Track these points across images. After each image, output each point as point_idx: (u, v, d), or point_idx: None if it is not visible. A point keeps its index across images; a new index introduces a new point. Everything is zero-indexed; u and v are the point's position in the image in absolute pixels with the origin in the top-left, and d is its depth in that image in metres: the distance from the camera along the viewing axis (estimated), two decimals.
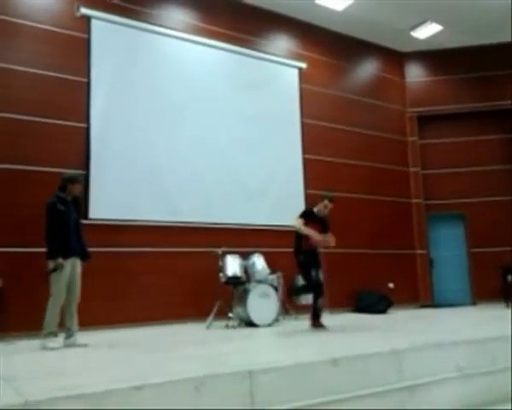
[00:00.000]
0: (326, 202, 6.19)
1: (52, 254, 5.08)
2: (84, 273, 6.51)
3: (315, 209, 6.24)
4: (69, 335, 5.20)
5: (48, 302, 5.10)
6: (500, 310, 8.63)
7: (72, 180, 5.29)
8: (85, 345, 5.10)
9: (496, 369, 4.12)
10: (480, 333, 4.92)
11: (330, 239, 6.00)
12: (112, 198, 7.35)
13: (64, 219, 5.16)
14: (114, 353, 4.70)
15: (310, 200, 9.25)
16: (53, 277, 5.09)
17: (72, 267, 5.22)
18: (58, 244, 5.09)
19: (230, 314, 6.76)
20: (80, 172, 5.59)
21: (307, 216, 6.12)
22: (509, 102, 10.86)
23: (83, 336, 5.33)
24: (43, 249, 5.19)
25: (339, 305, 8.32)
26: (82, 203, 5.50)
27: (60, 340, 5.11)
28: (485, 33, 10.46)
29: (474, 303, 10.25)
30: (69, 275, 5.16)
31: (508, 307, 9.01)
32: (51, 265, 5.07)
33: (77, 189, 5.35)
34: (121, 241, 7.34)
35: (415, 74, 11.37)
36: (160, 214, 7.70)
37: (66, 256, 5.12)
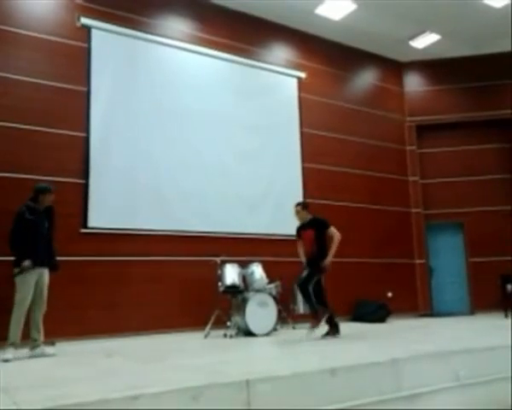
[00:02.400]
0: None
1: (18, 260, 5.14)
2: (82, 282, 6.51)
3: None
4: (35, 346, 5.17)
5: (12, 312, 5.09)
6: (499, 320, 8.61)
7: (43, 191, 5.40)
8: (53, 355, 5.12)
9: (495, 378, 4.11)
10: (478, 343, 4.91)
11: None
12: (111, 207, 7.35)
13: (32, 228, 5.21)
14: (111, 362, 4.68)
15: (309, 209, 9.26)
16: (18, 282, 5.11)
17: (39, 277, 5.23)
18: (24, 251, 5.14)
19: (228, 323, 6.74)
20: (53, 186, 5.53)
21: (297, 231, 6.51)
22: (508, 111, 10.90)
23: (80, 346, 5.32)
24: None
25: (337, 314, 8.28)
26: (55, 214, 5.51)
27: (15, 351, 4.97)
28: (484, 43, 10.51)
29: (472, 313, 10.22)
30: (35, 284, 5.17)
31: (507, 316, 8.98)
32: (16, 270, 5.12)
33: (48, 199, 5.41)
34: (120, 249, 7.33)
35: (413, 84, 11.41)
36: (158, 223, 7.69)
37: (33, 265, 5.14)
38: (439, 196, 10.85)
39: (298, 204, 6.60)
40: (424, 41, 10.42)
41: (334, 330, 6.15)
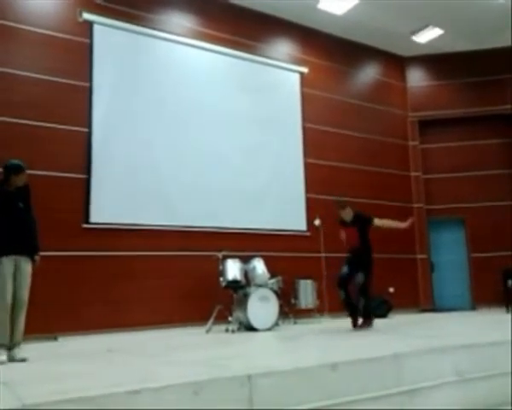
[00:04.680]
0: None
1: None
2: (84, 277, 6.50)
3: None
4: (11, 345, 4.39)
5: None
6: (500, 315, 8.61)
7: (16, 170, 4.56)
8: (24, 359, 4.32)
9: (495, 373, 4.11)
10: (479, 338, 4.91)
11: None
12: (113, 202, 7.38)
13: (2, 211, 4.50)
14: (113, 357, 4.69)
15: (311, 204, 9.28)
16: None
17: (16, 267, 4.45)
18: None
19: (230, 318, 6.76)
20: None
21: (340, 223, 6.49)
22: (510, 106, 10.86)
23: (81, 341, 5.32)
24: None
25: (339, 309, 8.30)
26: (31, 192, 4.73)
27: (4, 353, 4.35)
28: (487, 38, 10.47)
29: (474, 308, 10.23)
30: (12, 275, 4.40)
31: (508, 311, 8.98)
32: None
33: (21, 179, 4.60)
34: (121, 245, 7.36)
35: (416, 79, 11.38)
36: (160, 218, 7.71)
37: (5, 253, 4.40)
38: (440, 191, 10.83)
39: (340, 203, 6.47)
40: (427, 36, 10.39)
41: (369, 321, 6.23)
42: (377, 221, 6.37)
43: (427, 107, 11.12)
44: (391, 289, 9.64)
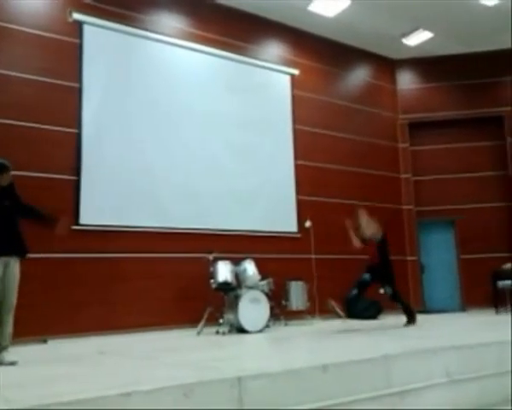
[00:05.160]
0: None
1: None
2: (74, 279, 6.45)
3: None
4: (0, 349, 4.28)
5: None
6: (490, 316, 8.68)
7: (2, 169, 4.45)
8: (14, 363, 4.20)
9: (485, 374, 4.15)
10: (469, 339, 4.95)
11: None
12: (103, 204, 7.33)
13: None
14: (104, 359, 4.67)
15: (301, 206, 9.29)
16: None
17: (5, 268, 4.32)
18: None
19: (221, 320, 6.74)
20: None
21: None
22: (499, 108, 10.97)
23: (72, 344, 5.29)
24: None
25: (329, 311, 8.32)
26: (16, 190, 4.59)
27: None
28: (477, 41, 10.56)
29: (464, 309, 10.30)
30: (0, 277, 4.28)
31: (497, 313, 9.05)
32: None
33: (5, 179, 4.46)
34: (112, 247, 7.31)
35: (406, 81, 11.45)
36: (151, 220, 7.69)
37: None
38: (430, 193, 10.90)
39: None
40: (417, 38, 10.45)
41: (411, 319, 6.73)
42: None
43: (417, 109, 11.20)
44: (381, 291, 9.66)
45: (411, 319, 6.70)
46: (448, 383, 3.92)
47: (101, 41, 7.77)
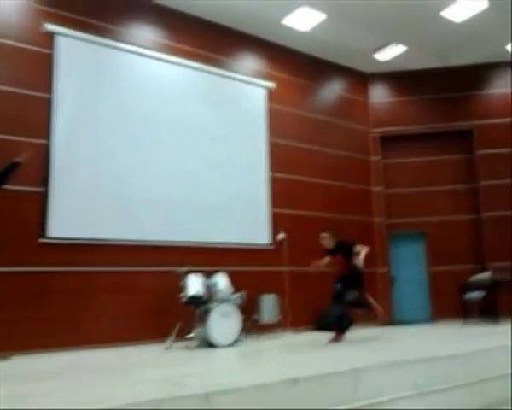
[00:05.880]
0: None
1: None
2: (41, 294, 6.30)
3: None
4: None
5: None
6: (457, 328, 8.82)
7: None
8: None
9: (452, 386, 4.20)
10: (437, 351, 5.01)
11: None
12: (73, 216, 7.19)
13: None
14: (71, 376, 4.55)
15: (275, 218, 9.31)
16: None
17: None
18: None
19: (191, 335, 6.66)
20: None
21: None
22: (469, 122, 11.24)
23: (39, 360, 5.16)
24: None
25: (301, 323, 8.34)
26: None
27: None
28: (447, 56, 10.82)
29: (433, 321, 10.43)
30: None
31: (465, 324, 9.20)
32: None
33: None
34: (81, 260, 7.17)
35: (378, 95, 11.64)
36: (122, 232, 7.57)
37: None
38: (401, 205, 11.06)
39: (324, 233, 6.95)
40: (389, 53, 10.62)
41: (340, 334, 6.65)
42: (358, 248, 6.77)
43: (388, 123, 11.38)
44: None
45: (340, 334, 6.62)
46: (416, 396, 3.96)
47: (75, 52, 7.67)
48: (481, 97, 11.36)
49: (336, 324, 6.63)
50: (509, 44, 10.43)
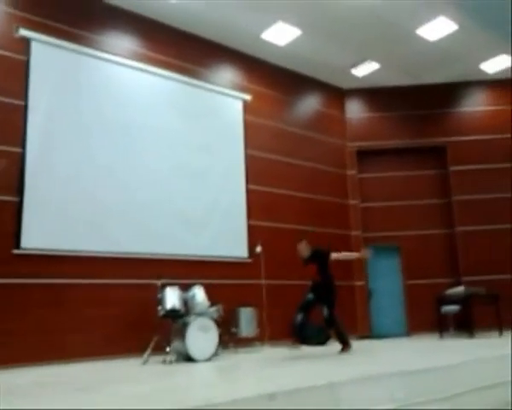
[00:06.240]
0: None
1: None
2: (14, 306, 6.15)
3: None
4: None
5: None
6: (434, 341, 8.89)
7: None
8: None
9: (429, 399, 4.20)
10: (414, 364, 5.02)
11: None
12: (47, 227, 7.05)
13: None
14: (38, 393, 4.41)
15: (252, 231, 9.28)
16: None
17: None
18: None
19: (168, 349, 6.55)
20: None
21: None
22: (443, 139, 11.46)
23: (11, 374, 4.99)
24: None
25: (278, 337, 8.28)
26: None
27: None
28: (421, 73, 11.09)
29: (409, 334, 10.50)
30: None
31: (441, 337, 9.28)
32: None
33: None
34: (55, 272, 7.02)
35: (354, 110, 11.80)
36: (97, 244, 7.44)
37: None
38: (377, 219, 11.18)
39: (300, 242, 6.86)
40: (365, 69, 10.84)
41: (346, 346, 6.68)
42: (334, 255, 6.73)
43: (364, 137, 11.53)
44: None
45: (346, 346, 6.66)
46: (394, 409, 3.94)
47: (50, 59, 7.57)
48: (454, 115, 11.64)
49: (295, 331, 6.62)
50: (481, 64, 10.72)
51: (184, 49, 9.10)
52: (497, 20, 9.05)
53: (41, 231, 6.99)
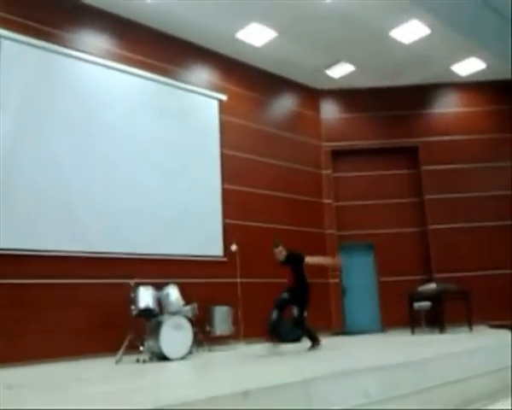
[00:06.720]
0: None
1: None
2: None
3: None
4: None
5: None
6: (407, 336, 9.02)
7: None
8: None
9: (402, 394, 4.27)
10: (387, 360, 5.09)
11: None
12: (15, 226, 6.89)
13: None
14: (11, 394, 4.31)
15: (228, 229, 9.27)
16: None
17: None
18: None
19: (141, 348, 6.49)
20: None
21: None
22: (415, 139, 11.66)
23: None
24: None
25: (253, 335, 8.30)
26: None
27: None
28: (394, 75, 11.23)
29: (383, 330, 10.64)
30: None
31: (413, 333, 9.43)
32: None
33: None
34: (25, 272, 6.87)
35: (329, 111, 11.90)
36: (67, 244, 7.31)
37: None
38: (351, 218, 11.30)
39: (274, 241, 6.86)
40: (339, 71, 10.94)
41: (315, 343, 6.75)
42: (308, 259, 6.81)
43: (339, 138, 11.64)
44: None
45: (315, 342, 6.75)
46: (368, 404, 3.99)
47: (21, 57, 7.41)
48: (426, 116, 11.85)
49: (271, 329, 6.71)
50: (453, 66, 10.93)
51: (159, 49, 9.03)
52: (467, 23, 9.23)
53: (9, 230, 6.79)
